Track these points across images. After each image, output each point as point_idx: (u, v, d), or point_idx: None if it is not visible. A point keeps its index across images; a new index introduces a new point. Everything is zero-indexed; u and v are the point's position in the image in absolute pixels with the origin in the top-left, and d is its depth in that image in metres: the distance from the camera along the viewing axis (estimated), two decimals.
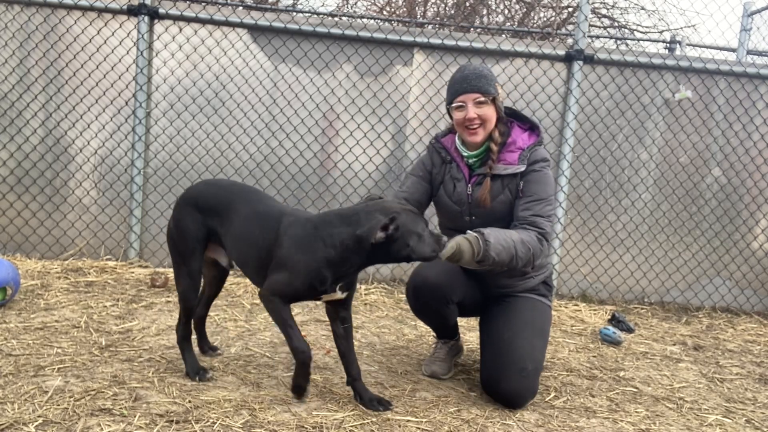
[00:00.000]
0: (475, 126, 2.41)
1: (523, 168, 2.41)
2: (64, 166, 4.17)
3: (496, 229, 2.30)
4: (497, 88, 2.45)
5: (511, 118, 2.53)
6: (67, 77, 4.11)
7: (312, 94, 4.26)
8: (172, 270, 2.50)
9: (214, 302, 3.48)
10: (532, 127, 2.52)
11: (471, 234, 2.26)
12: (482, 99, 2.39)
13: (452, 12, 8.58)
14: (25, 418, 1.93)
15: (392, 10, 8.94)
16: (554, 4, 8.54)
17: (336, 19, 5.81)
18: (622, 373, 2.93)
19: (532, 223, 2.37)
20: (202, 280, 2.46)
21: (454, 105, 2.44)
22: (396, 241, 2.07)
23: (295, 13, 7.79)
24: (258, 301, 3.60)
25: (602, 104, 4.38)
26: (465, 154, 2.50)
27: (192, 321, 2.43)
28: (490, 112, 2.41)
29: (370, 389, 2.32)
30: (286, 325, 2.16)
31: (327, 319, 2.40)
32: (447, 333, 2.73)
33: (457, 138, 2.54)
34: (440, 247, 2.16)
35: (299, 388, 2.23)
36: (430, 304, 2.54)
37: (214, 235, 2.33)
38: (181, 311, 2.37)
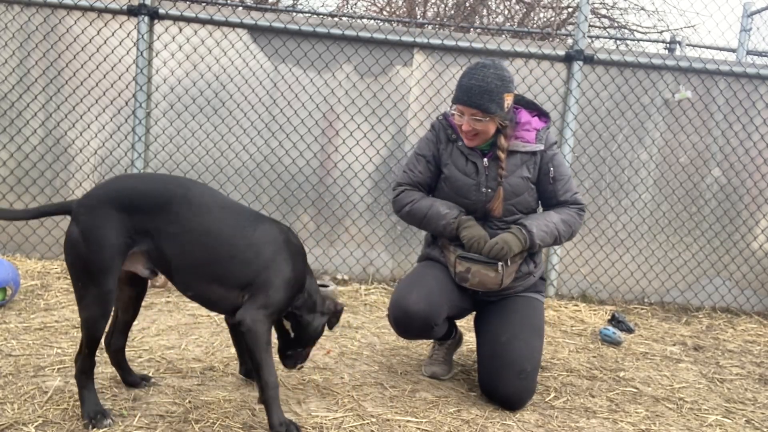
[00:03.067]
0: (469, 135, 2.43)
1: (541, 147, 2.48)
2: (64, 166, 4.17)
3: (537, 216, 2.48)
4: (504, 100, 2.35)
5: (517, 105, 2.54)
6: (67, 77, 4.11)
7: (312, 94, 4.25)
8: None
9: None
10: (539, 114, 2.55)
11: (514, 227, 2.42)
12: (479, 117, 2.35)
13: (452, 12, 8.58)
14: (25, 418, 1.94)
15: (392, 10, 8.94)
16: (554, 5, 8.54)
17: (336, 19, 5.81)
18: (622, 374, 2.93)
19: (574, 202, 2.55)
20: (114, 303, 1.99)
21: (453, 109, 2.43)
22: None
23: (295, 14, 7.79)
24: None
25: (602, 104, 4.38)
26: None
27: (94, 353, 1.95)
28: (487, 127, 2.39)
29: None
30: (270, 351, 1.97)
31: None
32: (442, 337, 2.71)
33: None
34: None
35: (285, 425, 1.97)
36: (415, 332, 2.50)
37: (142, 241, 1.93)
38: (83, 341, 1.91)
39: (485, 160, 2.48)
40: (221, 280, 1.97)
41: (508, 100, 2.39)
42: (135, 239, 1.91)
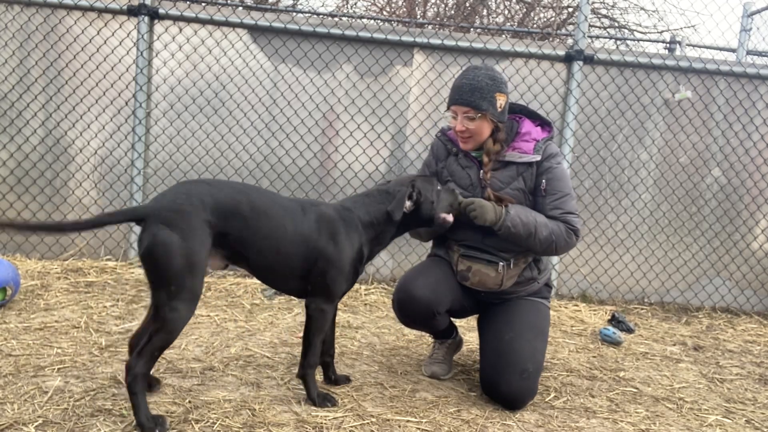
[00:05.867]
0: (464, 137, 2.44)
1: (538, 158, 2.43)
2: (64, 166, 4.17)
3: (525, 207, 2.41)
4: (496, 99, 2.37)
5: (520, 114, 2.55)
6: (67, 77, 4.11)
7: (312, 94, 4.25)
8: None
9: (214, 303, 3.50)
10: (542, 124, 2.54)
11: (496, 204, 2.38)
12: (471, 114, 2.37)
13: (452, 12, 8.59)
14: (25, 418, 1.94)
15: (392, 10, 8.95)
16: (554, 5, 8.54)
17: (336, 19, 5.82)
18: (622, 374, 2.93)
19: (565, 222, 2.42)
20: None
21: (449, 111, 2.45)
22: (421, 205, 2.32)
23: (295, 14, 7.79)
24: (257, 301, 3.60)
25: (602, 104, 4.38)
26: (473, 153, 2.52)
27: (160, 356, 1.98)
28: (480, 127, 2.40)
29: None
30: (321, 338, 2.25)
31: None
32: (442, 335, 2.73)
33: None
34: (455, 198, 2.38)
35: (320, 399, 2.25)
36: (417, 318, 2.53)
37: (220, 243, 2.03)
38: (156, 344, 1.89)
39: (482, 172, 2.48)
40: (291, 273, 2.16)
41: (501, 100, 2.40)
42: (215, 240, 2.01)
